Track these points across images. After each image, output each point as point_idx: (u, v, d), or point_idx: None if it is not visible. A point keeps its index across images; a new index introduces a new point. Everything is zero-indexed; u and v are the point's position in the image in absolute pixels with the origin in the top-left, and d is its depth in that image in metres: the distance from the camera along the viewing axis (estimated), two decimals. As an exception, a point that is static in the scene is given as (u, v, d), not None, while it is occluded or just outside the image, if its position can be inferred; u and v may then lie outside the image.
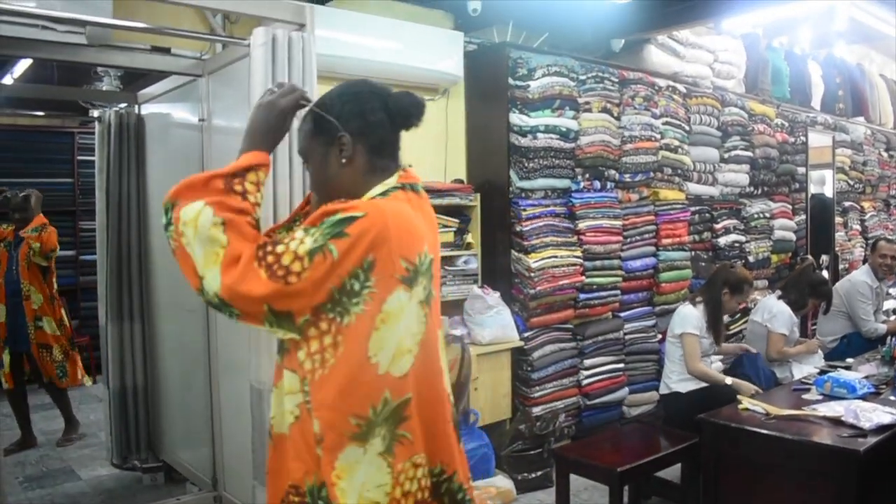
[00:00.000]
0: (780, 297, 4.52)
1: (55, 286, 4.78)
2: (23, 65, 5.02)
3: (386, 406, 1.33)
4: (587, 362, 4.61)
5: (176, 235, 1.38)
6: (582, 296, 4.56)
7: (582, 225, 4.55)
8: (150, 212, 4.05)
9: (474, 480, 3.85)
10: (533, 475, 4.04)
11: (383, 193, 1.44)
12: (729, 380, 3.90)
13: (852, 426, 2.83)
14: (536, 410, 4.32)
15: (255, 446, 2.76)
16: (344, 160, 1.46)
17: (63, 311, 4.85)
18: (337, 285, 1.30)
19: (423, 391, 1.40)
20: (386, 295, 1.32)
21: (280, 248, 1.31)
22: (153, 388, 4.14)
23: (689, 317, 3.96)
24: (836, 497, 2.70)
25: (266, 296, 1.29)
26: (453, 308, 4.30)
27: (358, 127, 1.47)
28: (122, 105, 4.15)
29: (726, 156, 5.71)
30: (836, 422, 2.91)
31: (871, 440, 2.70)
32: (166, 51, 3.37)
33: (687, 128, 5.31)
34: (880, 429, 2.78)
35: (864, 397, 3.19)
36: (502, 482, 3.90)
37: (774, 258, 6.24)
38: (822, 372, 3.74)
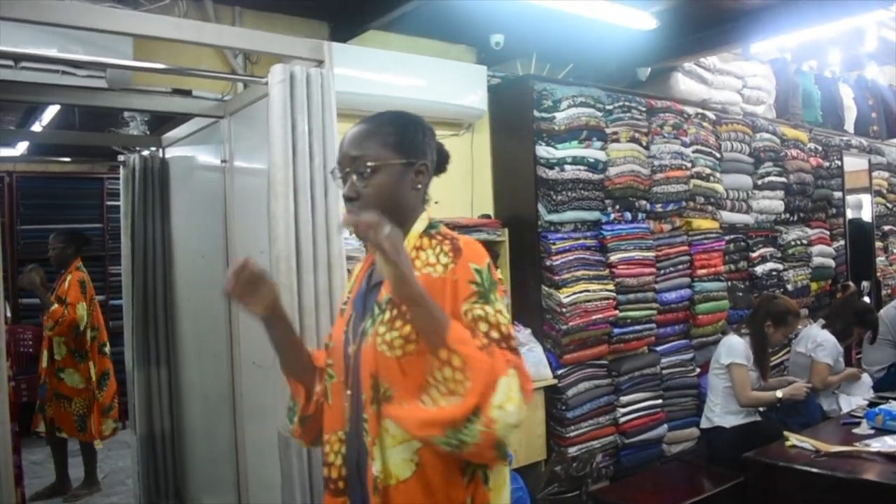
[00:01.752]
0: (824, 327, 4.37)
1: (88, 342, 4.68)
2: (50, 112, 5.06)
3: None
4: (624, 399, 4.46)
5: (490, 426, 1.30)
6: (616, 330, 4.44)
7: (613, 257, 4.44)
8: (174, 256, 4.03)
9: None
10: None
11: (433, 226, 1.53)
12: (780, 393, 3.80)
13: (910, 463, 2.68)
14: (572, 451, 4.17)
15: (285, 496, 2.68)
16: (419, 186, 1.52)
17: (92, 366, 4.71)
18: None
19: None
20: None
21: (484, 327, 1.38)
22: (180, 433, 4.09)
23: (737, 346, 3.85)
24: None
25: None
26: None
27: (431, 161, 1.56)
28: (148, 149, 4.16)
29: (760, 182, 5.58)
30: (891, 457, 2.78)
31: (933, 479, 2.55)
32: (187, 93, 3.36)
33: (718, 155, 5.20)
34: (941, 466, 2.63)
35: (920, 431, 3.04)
36: (539, 527, 3.76)
37: (814, 286, 6.05)
38: (873, 404, 3.58)
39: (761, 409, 3.96)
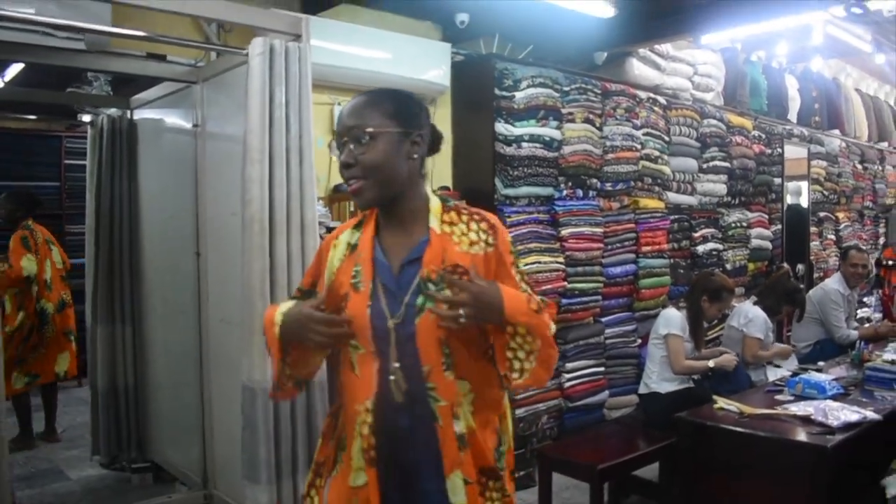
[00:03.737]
0: (755, 303, 4.63)
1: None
2: (14, 68, 5.04)
3: None
4: (569, 366, 4.67)
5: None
6: (564, 301, 4.64)
7: (564, 232, 4.64)
8: (141, 215, 4.11)
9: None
10: (516, 475, 4.10)
11: (446, 200, 1.64)
12: (711, 362, 4.04)
13: (821, 424, 2.94)
14: (519, 412, 4.39)
15: (245, 445, 2.83)
16: (415, 156, 1.57)
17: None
18: None
19: None
20: None
21: (525, 286, 1.62)
22: (142, 389, 4.20)
23: (674, 318, 4.07)
24: (806, 490, 2.81)
25: None
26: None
27: (426, 136, 1.61)
28: (115, 110, 4.22)
29: (705, 166, 5.82)
30: (807, 420, 3.02)
31: (839, 437, 2.82)
32: (162, 57, 3.44)
33: (667, 138, 5.42)
34: (847, 426, 2.90)
35: (833, 397, 3.31)
36: (486, 482, 3.97)
37: (751, 266, 6.37)
38: (795, 374, 3.87)
39: (695, 377, 4.22)
